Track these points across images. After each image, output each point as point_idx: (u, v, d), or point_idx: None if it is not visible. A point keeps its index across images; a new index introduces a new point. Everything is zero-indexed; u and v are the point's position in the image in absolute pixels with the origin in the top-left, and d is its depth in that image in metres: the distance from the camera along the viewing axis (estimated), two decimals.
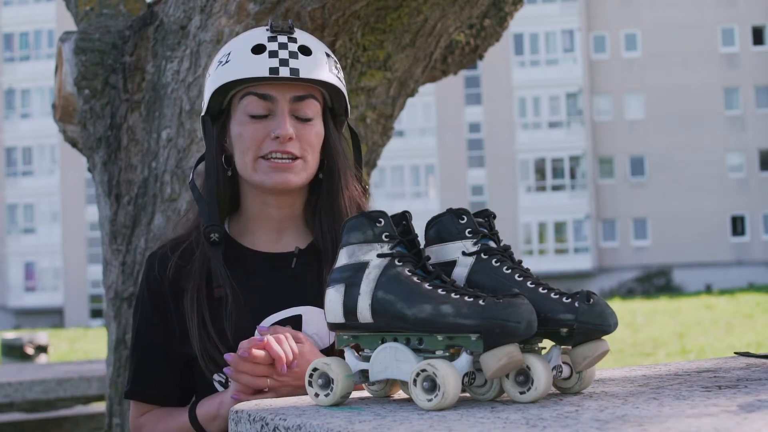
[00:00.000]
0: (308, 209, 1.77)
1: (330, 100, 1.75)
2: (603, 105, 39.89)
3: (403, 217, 1.31)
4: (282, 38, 1.67)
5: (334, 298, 1.29)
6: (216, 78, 1.68)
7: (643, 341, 14.12)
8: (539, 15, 38.96)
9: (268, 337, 1.52)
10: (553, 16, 39.59)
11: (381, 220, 1.29)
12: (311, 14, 2.67)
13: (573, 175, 39.51)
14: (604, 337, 1.26)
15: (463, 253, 1.32)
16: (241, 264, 1.72)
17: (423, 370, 1.19)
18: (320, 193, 1.75)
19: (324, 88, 1.71)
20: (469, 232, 1.33)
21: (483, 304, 1.18)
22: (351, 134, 1.83)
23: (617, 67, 39.88)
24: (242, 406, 1.30)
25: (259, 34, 1.69)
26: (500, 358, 1.18)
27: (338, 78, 1.71)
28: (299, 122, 1.68)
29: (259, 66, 1.64)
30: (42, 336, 10.58)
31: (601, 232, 39.42)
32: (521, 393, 1.22)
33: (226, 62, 1.67)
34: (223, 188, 1.73)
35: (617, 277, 38.28)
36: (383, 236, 1.28)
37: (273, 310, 1.68)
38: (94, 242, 38.74)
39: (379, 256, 1.27)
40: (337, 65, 1.73)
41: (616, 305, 22.58)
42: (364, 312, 1.26)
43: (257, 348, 1.51)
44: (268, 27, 1.68)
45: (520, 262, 1.33)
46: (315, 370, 1.29)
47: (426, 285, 1.23)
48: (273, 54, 1.64)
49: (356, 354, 1.31)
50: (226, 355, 1.55)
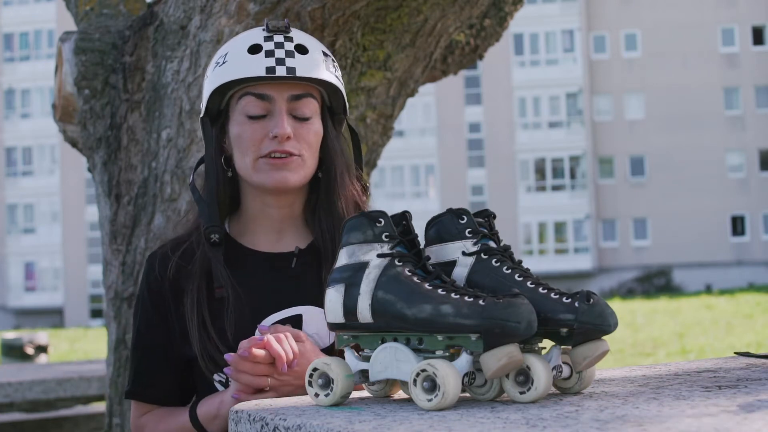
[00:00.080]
0: (308, 209, 1.77)
1: (328, 99, 1.74)
2: (603, 105, 39.89)
3: (403, 217, 1.31)
4: (278, 37, 1.67)
5: (334, 298, 1.29)
6: (213, 79, 1.68)
7: (643, 341, 14.12)
8: (539, 15, 38.96)
9: (268, 336, 1.52)
10: (553, 16, 39.59)
11: (381, 220, 1.29)
12: (311, 14, 2.67)
13: (573, 175, 39.51)
14: (604, 337, 1.26)
15: (463, 253, 1.32)
16: (241, 264, 1.72)
17: (423, 370, 1.19)
18: (319, 192, 1.75)
19: (321, 86, 1.70)
20: (469, 232, 1.33)
21: (483, 304, 1.18)
22: (351, 134, 1.83)
23: (617, 67, 39.88)
24: (242, 406, 1.30)
25: (255, 34, 1.69)
26: (500, 358, 1.18)
27: (336, 76, 1.71)
28: (297, 121, 1.68)
29: (256, 66, 1.64)
30: (42, 336, 10.58)
31: (601, 232, 39.42)
32: (521, 393, 1.22)
33: (223, 63, 1.67)
34: (222, 189, 1.74)
35: (617, 277, 38.28)
36: (383, 236, 1.28)
37: (273, 310, 1.68)
38: (94, 242, 38.74)
39: (379, 256, 1.27)
40: (334, 64, 1.73)
41: (616, 305, 22.58)
42: (364, 312, 1.26)
43: (257, 347, 1.51)
44: (265, 27, 1.68)
45: (520, 262, 1.33)
46: (315, 370, 1.29)
47: (426, 285, 1.23)
48: (269, 53, 1.64)
49: (356, 354, 1.31)
50: (226, 355, 1.55)
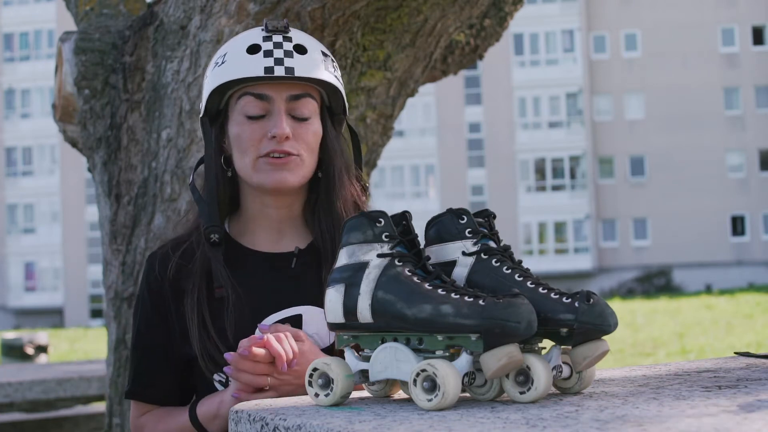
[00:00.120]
0: (307, 209, 1.77)
1: (327, 99, 1.74)
2: (603, 105, 39.89)
3: (403, 217, 1.31)
4: (277, 37, 1.67)
5: (334, 298, 1.29)
6: (212, 79, 1.68)
7: (643, 341, 14.12)
8: (539, 15, 38.95)
9: (268, 336, 1.52)
10: (553, 16, 39.58)
11: (381, 220, 1.29)
12: (311, 14, 2.67)
13: (573, 175, 39.51)
14: (604, 337, 1.26)
15: (463, 253, 1.32)
16: (241, 264, 1.72)
17: (423, 370, 1.19)
18: (319, 192, 1.75)
19: (320, 86, 1.70)
20: (469, 232, 1.33)
21: (483, 304, 1.18)
22: (351, 134, 1.83)
23: (617, 67, 39.88)
24: (242, 406, 1.30)
25: (254, 34, 1.69)
26: (500, 358, 1.18)
27: (335, 76, 1.71)
28: (296, 122, 1.68)
29: (255, 66, 1.64)
30: (42, 336, 10.58)
31: (601, 232, 39.42)
32: (521, 393, 1.22)
33: (222, 63, 1.68)
34: (222, 189, 1.74)
35: (617, 277, 38.28)
36: (383, 236, 1.28)
37: (273, 310, 1.68)
38: (94, 242, 38.74)
39: (379, 256, 1.27)
40: (334, 64, 1.73)
41: (616, 305, 22.58)
42: (364, 312, 1.26)
43: (257, 346, 1.51)
44: (264, 27, 1.68)
45: (520, 262, 1.32)
46: (315, 370, 1.29)
47: (426, 285, 1.23)
48: (268, 53, 1.64)
49: (356, 354, 1.31)
50: (226, 354, 1.55)
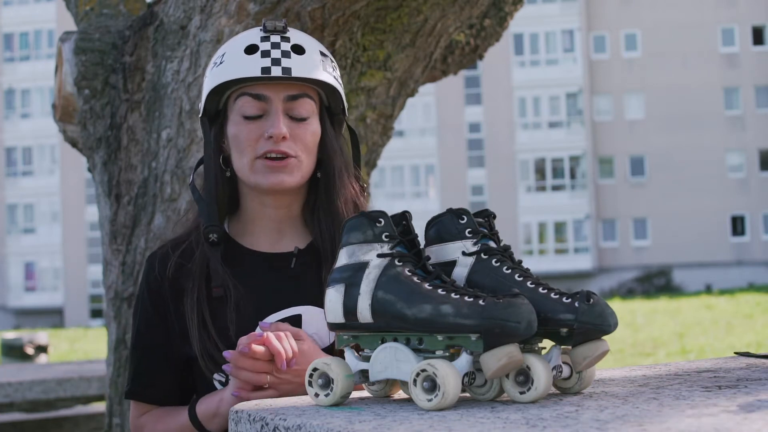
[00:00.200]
0: (307, 209, 1.77)
1: (326, 99, 1.74)
2: (603, 105, 39.89)
3: (403, 217, 1.31)
4: (275, 38, 1.67)
5: (334, 298, 1.29)
6: (211, 79, 1.69)
7: (643, 341, 14.12)
8: (539, 15, 38.95)
9: (268, 334, 1.52)
10: (553, 16, 39.58)
11: (381, 220, 1.29)
12: (311, 14, 2.67)
13: (573, 175, 39.50)
14: (604, 337, 1.26)
15: (463, 253, 1.32)
16: (240, 264, 1.72)
17: (423, 370, 1.19)
18: (318, 192, 1.75)
19: (318, 86, 1.70)
20: (469, 232, 1.33)
21: (483, 304, 1.18)
22: (350, 134, 1.83)
23: (617, 67, 39.88)
24: (242, 406, 1.30)
25: (252, 34, 1.69)
26: (500, 358, 1.18)
27: (334, 77, 1.71)
28: (294, 122, 1.68)
29: (252, 66, 1.64)
30: (42, 336, 10.58)
31: (601, 232, 39.42)
32: (521, 393, 1.22)
33: (221, 63, 1.68)
34: (221, 189, 1.74)
35: (617, 277, 38.28)
36: (383, 236, 1.28)
37: (273, 310, 1.68)
38: (94, 242, 38.74)
39: (379, 256, 1.27)
40: (333, 64, 1.73)
41: (616, 305, 22.58)
42: (364, 312, 1.26)
43: (257, 343, 1.51)
44: (262, 27, 1.68)
45: (520, 262, 1.32)
46: (315, 370, 1.29)
47: (426, 285, 1.23)
48: (265, 54, 1.65)
49: (356, 354, 1.31)
50: (225, 352, 1.55)
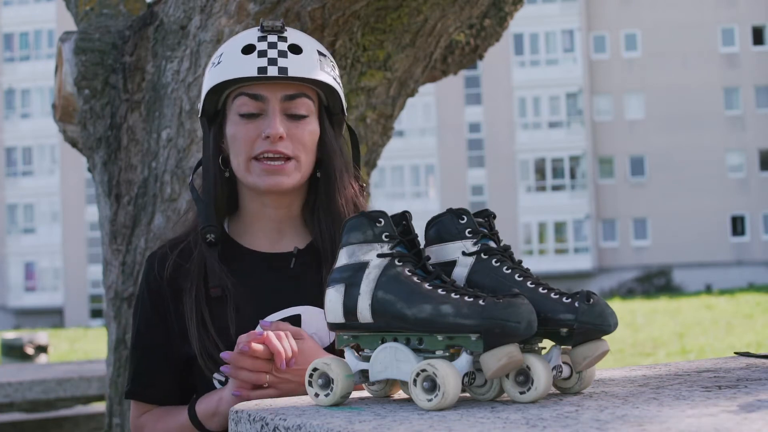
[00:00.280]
0: (306, 209, 1.77)
1: (325, 99, 1.74)
2: (603, 105, 39.88)
3: (403, 217, 1.31)
4: (272, 37, 1.67)
5: (334, 298, 1.29)
6: (209, 79, 1.69)
7: (643, 341, 14.11)
8: (539, 15, 38.95)
9: (268, 333, 1.52)
10: (553, 16, 39.58)
11: (381, 220, 1.29)
12: (311, 14, 2.67)
13: (573, 175, 39.50)
14: (604, 337, 1.26)
15: (463, 253, 1.32)
16: (240, 264, 1.72)
17: (423, 370, 1.19)
18: (318, 192, 1.75)
19: (317, 86, 1.70)
20: (469, 232, 1.33)
21: (483, 304, 1.18)
22: (350, 133, 1.83)
23: (617, 67, 39.87)
24: (242, 406, 1.30)
25: (250, 34, 1.69)
26: (500, 358, 1.18)
27: (331, 76, 1.70)
28: (292, 121, 1.68)
29: (249, 66, 1.64)
30: (42, 336, 10.58)
31: (601, 232, 39.41)
32: (521, 393, 1.22)
33: (218, 63, 1.68)
34: (220, 189, 1.74)
35: (617, 277, 38.27)
36: (383, 236, 1.28)
37: (272, 310, 1.68)
38: (94, 242, 38.74)
39: (379, 256, 1.27)
40: (331, 64, 1.73)
41: (616, 305, 22.58)
42: (364, 312, 1.26)
43: (256, 342, 1.51)
44: (260, 27, 1.69)
45: (520, 262, 1.32)
46: (315, 370, 1.29)
47: (426, 285, 1.23)
48: (262, 53, 1.65)
49: (356, 354, 1.31)
50: (222, 353, 1.55)
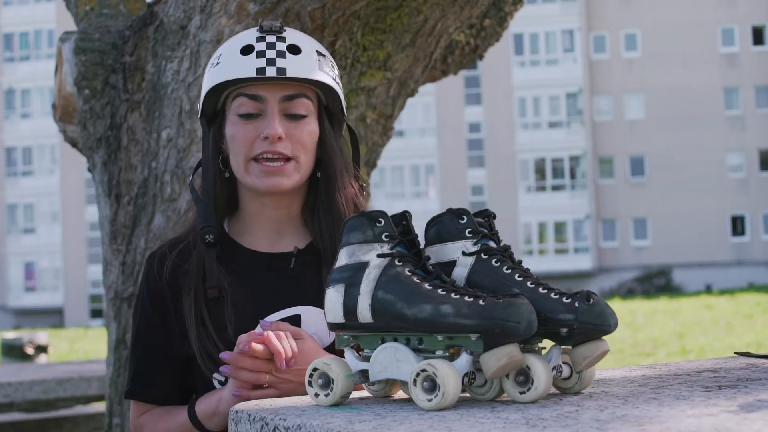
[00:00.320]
0: (306, 209, 1.77)
1: (324, 99, 1.74)
2: (603, 105, 39.88)
3: (403, 217, 1.31)
4: (270, 38, 1.67)
5: (334, 298, 1.29)
6: (208, 80, 1.69)
7: (643, 341, 14.11)
8: (539, 15, 38.95)
9: (268, 333, 1.52)
10: (553, 16, 39.58)
11: (381, 220, 1.29)
12: (311, 14, 2.67)
13: (573, 175, 39.50)
14: (604, 337, 1.26)
15: (463, 253, 1.32)
16: (239, 264, 1.72)
17: (423, 370, 1.19)
18: (318, 192, 1.75)
19: (315, 86, 1.70)
20: (469, 232, 1.33)
21: (483, 304, 1.18)
22: (350, 134, 1.83)
23: (617, 67, 39.87)
24: (242, 406, 1.30)
25: (249, 35, 1.69)
26: (500, 358, 1.18)
27: (330, 76, 1.70)
28: (291, 121, 1.68)
29: (247, 67, 1.64)
30: (42, 336, 10.57)
31: (601, 232, 39.41)
32: (521, 393, 1.22)
33: (217, 64, 1.68)
34: (220, 189, 1.74)
35: (617, 277, 38.27)
36: (383, 236, 1.28)
37: (272, 310, 1.68)
38: (94, 242, 38.73)
39: (379, 256, 1.27)
40: (331, 63, 1.72)
41: (616, 305, 22.58)
42: (364, 312, 1.26)
43: (256, 341, 1.51)
44: (258, 27, 1.68)
45: (520, 262, 1.32)
46: (315, 370, 1.29)
47: (426, 285, 1.23)
48: (260, 54, 1.65)
49: (356, 354, 1.31)
50: (222, 354, 1.55)
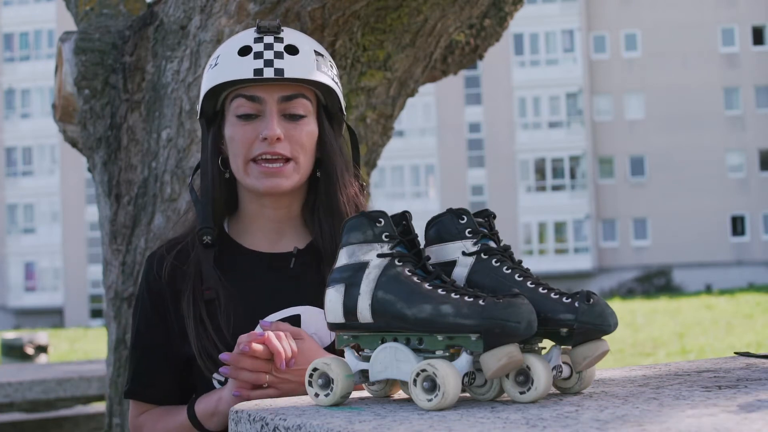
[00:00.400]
0: (306, 209, 1.77)
1: (324, 99, 1.74)
2: (603, 105, 39.88)
3: (403, 217, 1.31)
4: (268, 38, 1.66)
5: (334, 298, 1.29)
6: (206, 81, 1.69)
7: (643, 341, 14.11)
8: (539, 15, 38.95)
9: (268, 333, 1.52)
10: (553, 16, 39.58)
11: (381, 220, 1.29)
12: (311, 14, 2.67)
13: (573, 175, 39.50)
14: (604, 337, 1.26)
15: (463, 253, 1.32)
16: (239, 264, 1.72)
17: (423, 370, 1.19)
18: (318, 192, 1.75)
19: (313, 86, 1.70)
20: (469, 232, 1.33)
21: (483, 304, 1.18)
22: (349, 133, 1.83)
23: (617, 67, 39.87)
24: (242, 406, 1.30)
25: (247, 35, 1.69)
26: (500, 358, 1.18)
27: (329, 76, 1.70)
28: (290, 122, 1.68)
29: (245, 68, 1.64)
30: (42, 336, 10.58)
31: (601, 232, 39.41)
32: (521, 393, 1.22)
33: (215, 65, 1.68)
34: (219, 190, 1.73)
35: (617, 277, 38.27)
36: (383, 236, 1.28)
37: (271, 310, 1.68)
38: (94, 242, 38.74)
39: (379, 256, 1.27)
40: (329, 63, 1.72)
41: (616, 305, 22.58)
42: (364, 312, 1.26)
43: (257, 342, 1.51)
44: (256, 27, 1.68)
45: (520, 262, 1.32)
46: (315, 370, 1.29)
47: (426, 285, 1.23)
48: (258, 55, 1.64)
49: (356, 354, 1.31)
50: (222, 354, 1.55)
